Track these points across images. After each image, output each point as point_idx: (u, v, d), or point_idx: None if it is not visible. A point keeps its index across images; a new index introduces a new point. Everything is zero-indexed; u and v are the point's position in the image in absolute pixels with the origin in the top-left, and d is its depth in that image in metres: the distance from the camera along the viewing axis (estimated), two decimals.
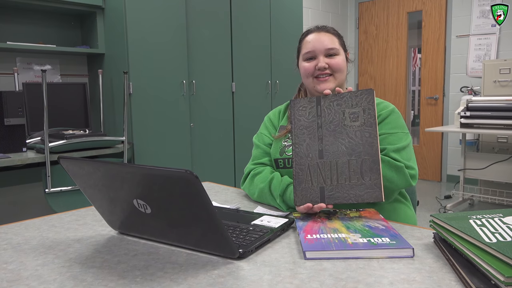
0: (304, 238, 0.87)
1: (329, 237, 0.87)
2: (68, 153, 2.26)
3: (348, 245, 0.83)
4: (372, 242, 0.84)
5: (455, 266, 0.72)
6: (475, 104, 3.29)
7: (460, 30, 4.54)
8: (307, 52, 1.27)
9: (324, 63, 1.24)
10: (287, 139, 1.29)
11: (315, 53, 1.26)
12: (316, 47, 1.25)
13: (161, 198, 0.78)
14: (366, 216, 1.02)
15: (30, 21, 2.73)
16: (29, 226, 1.06)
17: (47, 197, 2.24)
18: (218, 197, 1.33)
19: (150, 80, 2.78)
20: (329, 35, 1.26)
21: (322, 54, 1.25)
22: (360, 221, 0.97)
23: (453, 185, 4.21)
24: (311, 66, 1.26)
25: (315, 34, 1.27)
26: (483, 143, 3.80)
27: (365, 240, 0.85)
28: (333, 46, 1.25)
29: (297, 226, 0.96)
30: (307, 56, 1.28)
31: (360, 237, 0.87)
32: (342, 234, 0.88)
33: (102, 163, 0.81)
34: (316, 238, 0.87)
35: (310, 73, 1.27)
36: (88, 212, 1.18)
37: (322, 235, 0.88)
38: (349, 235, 0.88)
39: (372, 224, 0.95)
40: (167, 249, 0.87)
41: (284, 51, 3.71)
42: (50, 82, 2.74)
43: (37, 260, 0.83)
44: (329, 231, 0.91)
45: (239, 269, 0.76)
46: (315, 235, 0.89)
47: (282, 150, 1.27)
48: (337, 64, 1.25)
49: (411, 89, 6.02)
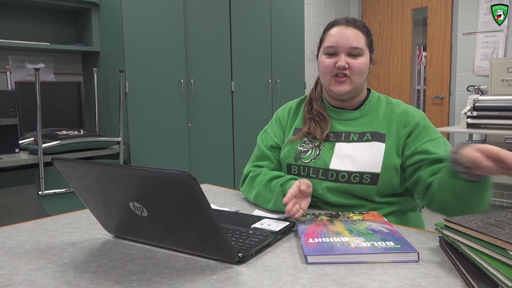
0: (306, 242, 0.87)
1: (331, 241, 0.87)
2: (62, 154, 2.26)
3: (351, 249, 0.82)
4: (375, 246, 0.83)
5: (462, 271, 0.72)
6: (482, 103, 3.29)
7: (466, 27, 4.55)
8: (329, 47, 1.20)
9: (344, 62, 1.17)
10: (303, 144, 1.25)
11: (337, 49, 1.18)
12: (339, 43, 1.18)
13: (158, 201, 0.78)
14: (370, 219, 1.01)
15: (23, 18, 2.73)
16: (22, 230, 1.06)
17: (41, 199, 2.24)
18: (216, 199, 1.33)
19: (146, 79, 2.78)
20: (356, 31, 1.18)
21: (344, 52, 1.18)
22: (364, 225, 0.97)
23: None
24: (331, 64, 1.19)
25: (341, 27, 1.19)
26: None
27: (369, 244, 0.85)
28: (357, 45, 1.17)
29: (298, 229, 0.96)
30: (329, 51, 1.20)
31: (363, 241, 0.86)
32: (345, 238, 0.88)
33: (97, 164, 0.81)
34: (318, 242, 0.86)
35: (329, 71, 1.20)
36: (83, 215, 1.18)
37: (324, 239, 0.88)
38: (352, 239, 0.87)
39: (376, 227, 0.95)
40: (164, 253, 0.87)
41: (285, 49, 3.71)
42: (43, 81, 2.74)
43: (30, 265, 0.83)
44: (331, 234, 0.91)
45: (238, 274, 0.76)
46: (317, 239, 0.88)
47: (297, 156, 1.23)
48: (357, 66, 1.18)
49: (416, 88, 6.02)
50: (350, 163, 1.16)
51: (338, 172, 1.16)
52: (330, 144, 1.21)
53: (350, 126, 1.22)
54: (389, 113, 1.21)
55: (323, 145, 1.22)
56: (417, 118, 1.18)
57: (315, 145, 1.22)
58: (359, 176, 1.14)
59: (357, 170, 1.14)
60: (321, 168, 1.19)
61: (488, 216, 0.81)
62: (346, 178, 1.15)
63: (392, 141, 1.16)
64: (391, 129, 1.18)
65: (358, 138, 1.19)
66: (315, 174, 1.19)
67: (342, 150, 1.18)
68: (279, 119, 1.36)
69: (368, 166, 1.14)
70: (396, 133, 1.17)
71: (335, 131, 1.23)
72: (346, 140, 1.20)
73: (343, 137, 1.21)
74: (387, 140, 1.16)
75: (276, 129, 1.35)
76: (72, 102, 2.71)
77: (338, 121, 1.25)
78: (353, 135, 1.20)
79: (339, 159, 1.17)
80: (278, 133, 1.34)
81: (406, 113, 1.20)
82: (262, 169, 1.29)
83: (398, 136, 1.17)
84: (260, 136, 1.38)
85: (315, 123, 1.25)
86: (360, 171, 1.14)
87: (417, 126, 1.16)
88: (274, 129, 1.35)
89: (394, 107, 1.22)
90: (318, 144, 1.22)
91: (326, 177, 1.18)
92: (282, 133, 1.34)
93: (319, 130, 1.23)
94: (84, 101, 2.76)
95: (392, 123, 1.19)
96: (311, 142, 1.24)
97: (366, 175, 1.14)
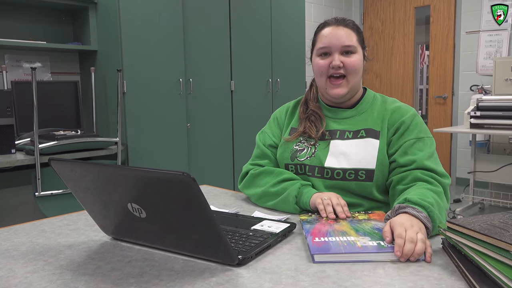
0: (312, 241, 0.88)
1: (337, 240, 0.89)
2: (59, 155, 2.26)
3: (358, 248, 0.84)
4: (381, 245, 0.85)
5: (465, 273, 0.72)
6: (485, 103, 3.29)
7: (470, 26, 4.55)
8: (321, 47, 1.24)
9: (339, 61, 1.21)
10: (298, 143, 1.28)
11: (330, 49, 1.23)
12: (332, 43, 1.22)
13: (156, 202, 0.78)
14: (375, 218, 1.03)
15: (19, 17, 2.73)
16: (18, 231, 1.06)
17: (37, 201, 2.24)
18: (216, 200, 1.33)
19: (145, 78, 2.78)
20: (347, 30, 1.23)
21: (337, 51, 1.22)
22: (369, 224, 0.99)
23: (462, 188, 4.21)
24: (325, 64, 1.23)
25: (332, 28, 1.24)
26: (494, 144, 3.80)
27: (375, 243, 0.86)
28: (350, 43, 1.22)
29: (304, 229, 0.97)
30: (322, 52, 1.24)
31: (369, 240, 0.88)
32: (351, 237, 0.90)
33: (94, 165, 0.81)
34: (324, 241, 0.88)
35: (324, 72, 1.24)
36: (80, 216, 1.18)
37: (330, 238, 0.90)
38: (358, 238, 0.89)
39: (381, 226, 0.96)
40: (163, 256, 0.87)
41: (285, 48, 3.71)
42: (40, 80, 2.74)
43: (26, 267, 0.83)
44: (337, 234, 0.92)
45: (238, 277, 0.76)
46: (323, 238, 0.90)
47: (293, 155, 1.26)
48: (352, 64, 1.22)
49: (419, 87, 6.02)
50: (344, 161, 1.19)
51: (333, 170, 1.19)
52: (325, 142, 1.24)
53: (345, 125, 1.26)
54: (382, 110, 1.25)
55: (319, 144, 1.25)
56: (406, 116, 1.21)
57: (311, 143, 1.26)
58: (354, 173, 1.17)
59: (351, 167, 1.17)
60: (317, 166, 1.22)
61: (492, 218, 0.81)
62: (341, 176, 1.18)
63: (385, 137, 1.20)
64: (384, 126, 1.22)
65: (352, 135, 1.23)
66: (311, 172, 1.22)
67: (337, 148, 1.22)
68: (276, 119, 1.39)
69: (363, 163, 1.17)
70: (387, 130, 1.21)
71: (330, 130, 1.27)
72: (341, 137, 1.23)
73: (337, 135, 1.24)
74: (381, 137, 1.20)
75: (274, 129, 1.37)
76: (69, 101, 2.71)
77: (333, 120, 1.29)
78: (348, 133, 1.24)
79: (334, 157, 1.20)
80: (276, 133, 1.36)
81: (397, 110, 1.23)
82: (265, 167, 1.30)
83: (388, 131, 1.21)
84: (258, 136, 1.40)
85: (311, 122, 1.29)
86: (355, 168, 1.17)
87: (403, 124, 1.19)
88: (272, 129, 1.38)
89: (388, 105, 1.26)
90: (313, 142, 1.25)
91: (322, 175, 1.21)
92: (280, 133, 1.36)
93: (314, 129, 1.27)
94: (81, 101, 2.76)
95: (385, 120, 1.23)
96: (306, 141, 1.27)
97: (361, 172, 1.16)
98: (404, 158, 1.14)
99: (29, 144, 2.31)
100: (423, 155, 1.13)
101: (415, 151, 1.14)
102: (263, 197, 1.23)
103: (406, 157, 1.14)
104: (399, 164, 1.14)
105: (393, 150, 1.18)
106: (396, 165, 1.15)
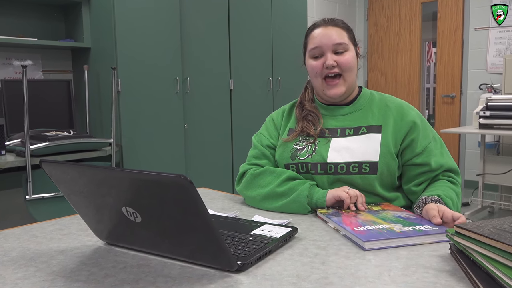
0: (352, 230, 0.93)
1: (375, 228, 0.94)
2: (51, 157, 2.26)
3: (398, 233, 0.90)
4: (417, 230, 0.92)
5: (474, 279, 0.72)
6: (495, 102, 3.29)
7: (479, 22, 4.55)
8: (313, 48, 1.29)
9: (332, 60, 1.25)
10: (298, 142, 1.30)
11: (322, 50, 1.27)
12: (323, 42, 1.26)
13: (152, 206, 0.78)
14: (389, 209, 1.11)
15: (9, 12, 2.74)
16: (8, 236, 1.06)
17: (28, 204, 2.24)
18: (214, 204, 1.33)
19: (140, 76, 2.78)
20: (337, 29, 1.28)
21: (330, 50, 1.26)
22: (389, 214, 1.06)
23: (471, 191, 4.21)
24: (319, 65, 1.28)
25: (322, 28, 1.29)
26: (504, 146, 3.81)
27: (410, 228, 0.94)
28: (341, 41, 1.26)
29: (333, 221, 1.02)
30: (314, 53, 1.29)
31: (402, 226, 0.95)
32: (384, 225, 0.96)
33: (88, 167, 0.81)
34: (366, 230, 0.93)
35: (319, 73, 1.28)
36: (73, 220, 1.18)
37: (368, 227, 0.95)
38: (391, 225, 0.95)
39: (401, 214, 1.04)
40: (159, 261, 0.87)
41: (286, 45, 3.71)
42: (31, 78, 2.75)
43: (17, 273, 0.83)
44: (369, 223, 0.98)
45: (237, 283, 0.76)
46: (361, 227, 0.95)
47: (293, 154, 1.28)
48: (346, 62, 1.26)
49: (426, 86, 6.03)
50: (347, 154, 1.22)
51: (336, 164, 1.22)
52: (325, 139, 1.28)
53: (345, 121, 1.30)
54: (383, 106, 1.29)
55: (319, 141, 1.28)
56: (414, 116, 1.26)
57: (310, 142, 1.28)
58: (358, 166, 1.20)
59: (355, 160, 1.21)
60: (319, 162, 1.24)
61: (501, 222, 0.81)
62: (345, 170, 1.21)
63: (389, 132, 1.24)
64: (388, 121, 1.26)
65: (353, 132, 1.26)
66: (314, 169, 1.24)
67: (338, 143, 1.25)
68: (273, 121, 1.42)
69: (366, 156, 1.21)
70: (394, 124, 1.25)
71: (329, 128, 1.30)
72: (342, 135, 1.27)
73: (338, 133, 1.28)
74: (383, 131, 1.24)
75: (271, 130, 1.40)
76: (61, 101, 2.71)
77: (331, 117, 1.32)
78: (348, 130, 1.27)
79: (336, 151, 1.24)
80: (273, 134, 1.39)
81: (401, 107, 1.29)
82: (266, 167, 1.30)
83: (395, 127, 1.25)
84: (254, 137, 1.42)
85: (308, 121, 1.32)
86: (359, 161, 1.21)
87: (415, 126, 1.24)
88: (269, 130, 1.40)
89: (388, 101, 1.31)
90: (313, 140, 1.28)
91: (325, 171, 1.23)
92: (277, 134, 1.39)
93: (313, 127, 1.30)
94: (74, 100, 2.77)
95: (388, 115, 1.27)
96: (305, 139, 1.30)
97: (365, 164, 1.20)
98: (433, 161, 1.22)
99: (20, 145, 2.31)
100: (448, 158, 1.25)
101: (437, 153, 1.24)
102: (269, 198, 1.23)
103: (434, 158, 1.23)
104: (431, 169, 1.22)
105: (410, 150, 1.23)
106: (428, 168, 1.22)
